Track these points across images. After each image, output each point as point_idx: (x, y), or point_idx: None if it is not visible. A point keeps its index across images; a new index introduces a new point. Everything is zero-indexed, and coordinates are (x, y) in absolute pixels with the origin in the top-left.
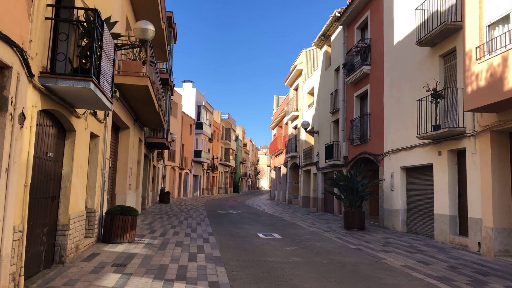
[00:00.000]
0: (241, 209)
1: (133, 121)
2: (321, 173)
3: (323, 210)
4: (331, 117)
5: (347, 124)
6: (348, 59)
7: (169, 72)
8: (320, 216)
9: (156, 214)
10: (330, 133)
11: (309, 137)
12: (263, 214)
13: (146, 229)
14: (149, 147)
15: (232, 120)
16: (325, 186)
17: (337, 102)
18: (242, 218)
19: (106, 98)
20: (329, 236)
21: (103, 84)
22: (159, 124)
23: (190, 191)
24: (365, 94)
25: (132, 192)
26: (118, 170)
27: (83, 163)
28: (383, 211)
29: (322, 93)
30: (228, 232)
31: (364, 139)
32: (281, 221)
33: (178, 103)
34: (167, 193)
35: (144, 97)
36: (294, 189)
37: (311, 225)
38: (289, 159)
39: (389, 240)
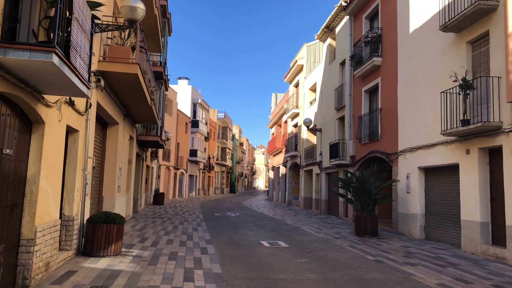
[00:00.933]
0: (239, 211)
1: (123, 116)
2: (324, 174)
3: (326, 213)
4: (336, 114)
5: (355, 121)
6: (355, 51)
7: (163, 65)
8: (324, 219)
9: (149, 217)
10: (335, 131)
11: (310, 136)
12: (263, 217)
13: (137, 236)
14: (141, 146)
15: (228, 119)
16: (333, 188)
17: (342, 98)
18: (241, 221)
19: (80, 80)
20: (341, 244)
21: (76, 62)
22: (152, 120)
23: (186, 192)
24: (375, 88)
25: (122, 194)
26: (105, 171)
27: (57, 162)
28: (397, 216)
29: (325, 88)
30: (228, 240)
31: (374, 137)
32: (284, 226)
33: (173, 101)
34: (161, 194)
35: (134, 88)
36: (294, 190)
37: (318, 230)
38: (289, 158)
39: (409, 250)
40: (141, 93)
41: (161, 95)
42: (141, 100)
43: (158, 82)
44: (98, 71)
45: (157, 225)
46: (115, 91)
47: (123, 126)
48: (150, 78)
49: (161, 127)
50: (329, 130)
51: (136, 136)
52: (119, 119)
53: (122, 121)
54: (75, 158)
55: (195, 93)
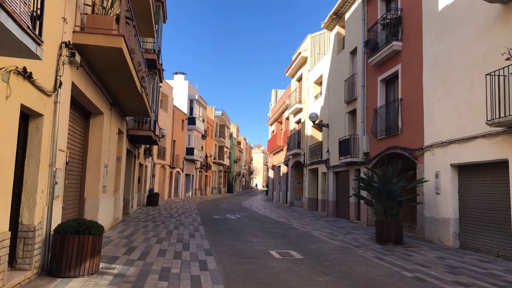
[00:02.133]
0: (239, 212)
1: (109, 106)
2: (332, 173)
3: (334, 215)
4: (346, 107)
5: (369, 114)
6: (370, 36)
7: (157, 53)
8: (334, 222)
9: (141, 221)
10: (345, 126)
11: (315, 132)
12: (266, 220)
13: (123, 245)
14: (133, 142)
15: (226, 117)
16: (352, 188)
17: (354, 89)
18: (243, 225)
19: (22, 28)
20: (364, 254)
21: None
22: (144, 112)
23: (182, 192)
24: (394, 77)
25: (108, 195)
26: (88, 168)
27: (7, 155)
28: (423, 220)
29: (333, 80)
30: (231, 249)
31: (393, 131)
32: (292, 230)
33: (169, 96)
34: (155, 194)
35: (119, 68)
36: (297, 190)
37: (332, 236)
38: (291, 157)
39: (449, 263)
40: (128, 76)
41: (155, 87)
42: (130, 85)
43: (152, 71)
44: (73, 44)
45: (149, 230)
46: (97, 72)
47: (109, 117)
48: (141, 61)
49: (155, 122)
50: (337, 125)
51: (127, 130)
52: (104, 109)
53: (108, 112)
54: (37, 150)
55: (192, 89)
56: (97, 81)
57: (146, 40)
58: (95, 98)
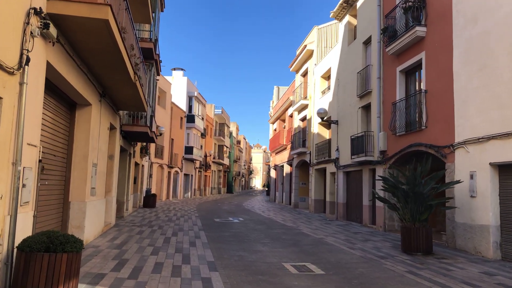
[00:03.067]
0: (241, 215)
1: (99, 96)
2: (342, 173)
3: (345, 218)
4: (359, 102)
5: (386, 109)
6: (388, 23)
7: (154, 42)
8: (346, 227)
9: (136, 225)
10: (357, 122)
11: (322, 130)
12: (273, 224)
13: (112, 257)
14: (128, 139)
15: (226, 115)
16: (373, 190)
17: (368, 82)
18: (248, 230)
19: None
20: (394, 268)
21: None
22: (139, 105)
23: (181, 192)
24: (416, 66)
25: (98, 198)
26: (74, 167)
27: None
28: (454, 226)
29: (343, 74)
30: (239, 262)
31: (415, 127)
32: (303, 237)
33: (167, 92)
34: (153, 195)
35: (107, 49)
36: (301, 191)
37: (350, 244)
38: (296, 156)
39: (500, 280)
40: (118, 60)
41: (152, 79)
42: (121, 72)
43: (148, 62)
44: (47, 14)
45: (144, 237)
46: (81, 54)
47: (99, 110)
48: (134, 45)
49: (152, 117)
50: (348, 122)
51: (120, 126)
52: (92, 99)
53: (97, 103)
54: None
55: (191, 86)
56: (83, 65)
57: (143, 29)
58: (81, 86)
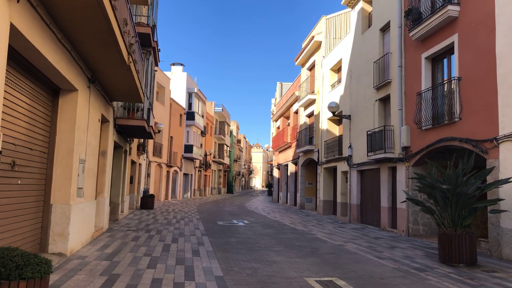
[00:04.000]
0: (246, 217)
1: (87, 81)
2: (356, 171)
3: (359, 221)
4: (376, 94)
5: (409, 100)
6: (412, 4)
7: (151, 27)
8: (363, 231)
9: (131, 229)
10: (374, 116)
11: (332, 126)
12: (282, 228)
13: (100, 273)
14: (123, 134)
15: (226, 113)
16: (404, 191)
17: (386, 72)
18: (257, 235)
19: None
20: (441, 285)
21: None
22: (134, 94)
23: (180, 193)
24: (446, 51)
25: (86, 200)
26: (56, 164)
27: None
28: (499, 233)
29: (357, 64)
30: (252, 276)
31: (446, 119)
32: (319, 243)
33: (165, 88)
34: (150, 196)
35: (93, 18)
36: (308, 191)
37: (375, 252)
38: (301, 154)
39: None
40: (106, 30)
41: (149, 69)
42: (111, 49)
43: (145, 50)
44: None
45: (140, 244)
46: (63, 25)
47: (87, 97)
48: (128, 20)
49: (149, 110)
50: (363, 116)
51: (114, 119)
52: (78, 84)
53: (85, 90)
54: None
55: (190, 82)
56: (65, 39)
57: (140, 13)
58: (64, 66)
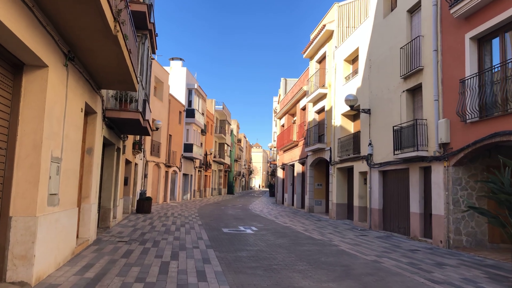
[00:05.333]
0: (252, 222)
1: (63, 57)
2: (377, 172)
3: (381, 228)
4: (403, 84)
5: (449, 89)
6: None
7: (148, 5)
8: (391, 240)
9: (123, 240)
10: (401, 109)
11: (346, 122)
12: (296, 236)
13: None
14: (116, 129)
15: (227, 111)
16: (465, 200)
17: (417, 58)
18: (270, 247)
19: None
20: None
21: None
22: (126, 79)
23: (179, 194)
24: (500, 29)
25: (63, 208)
26: (17, 163)
27: None
28: None
29: (377, 53)
30: None
31: (498, 110)
32: (349, 258)
33: (164, 83)
34: (147, 199)
35: None
36: (317, 193)
37: (424, 273)
38: (310, 153)
39: None
40: None
41: (145, 55)
42: (91, 9)
43: (140, 33)
44: None
45: (132, 263)
46: None
47: (64, 78)
48: None
49: (145, 102)
50: (386, 110)
51: (103, 110)
52: (49, 59)
53: (61, 68)
54: None
55: (190, 77)
56: None
57: None
58: (26, 32)
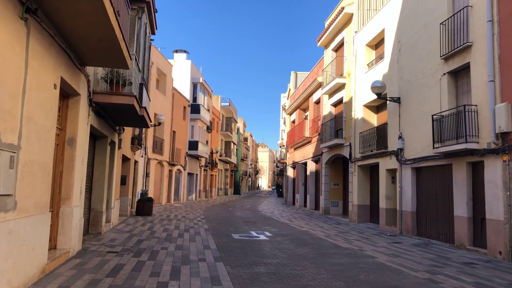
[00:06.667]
0: (265, 226)
1: (19, 5)
2: (410, 169)
3: (415, 233)
4: (444, 65)
5: (508, 67)
6: None
7: None
8: (434, 250)
9: (114, 251)
10: (441, 95)
11: (369, 114)
12: (320, 244)
13: None
14: (107, 119)
15: (233, 108)
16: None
17: (464, 33)
18: (291, 259)
19: None
20: None
21: None
22: (114, 53)
23: (184, 195)
24: None
25: (25, 214)
26: None
27: None
28: None
29: (410, 32)
30: None
31: None
32: (395, 276)
33: (167, 75)
34: (148, 200)
35: None
36: (333, 194)
37: None
38: (326, 150)
39: None
40: None
41: (142, 32)
42: None
43: (137, 6)
44: None
45: (119, 284)
46: None
47: (21, 35)
48: None
49: (142, 86)
50: (422, 97)
51: (90, 93)
52: None
53: (15, 19)
54: None
55: (195, 71)
56: None
57: None
58: None
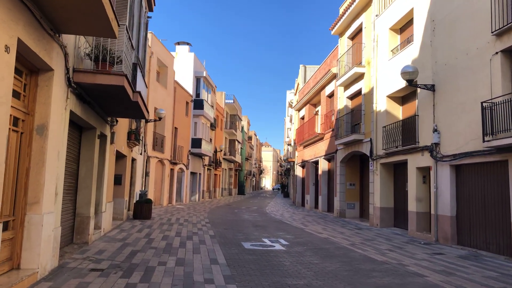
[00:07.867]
0: (278, 232)
1: None
2: (449, 167)
3: (455, 241)
4: (495, 43)
5: None
6: None
7: None
8: (489, 264)
9: (98, 269)
10: (491, 79)
11: (393, 106)
12: (348, 256)
13: None
14: (95, 106)
15: (238, 105)
16: None
17: None
18: (318, 277)
19: None
20: None
21: None
22: (95, 13)
23: (186, 195)
24: None
25: None
26: None
27: None
28: None
29: (447, 9)
30: None
31: None
32: None
33: (168, 67)
34: (147, 202)
35: None
36: (349, 195)
37: None
38: (342, 147)
39: None
40: None
41: (137, 2)
42: None
43: None
44: None
45: None
46: None
47: None
48: None
49: (136, 66)
50: (464, 83)
51: (68, 69)
52: None
53: None
54: None
55: (198, 65)
56: None
57: None
58: None
